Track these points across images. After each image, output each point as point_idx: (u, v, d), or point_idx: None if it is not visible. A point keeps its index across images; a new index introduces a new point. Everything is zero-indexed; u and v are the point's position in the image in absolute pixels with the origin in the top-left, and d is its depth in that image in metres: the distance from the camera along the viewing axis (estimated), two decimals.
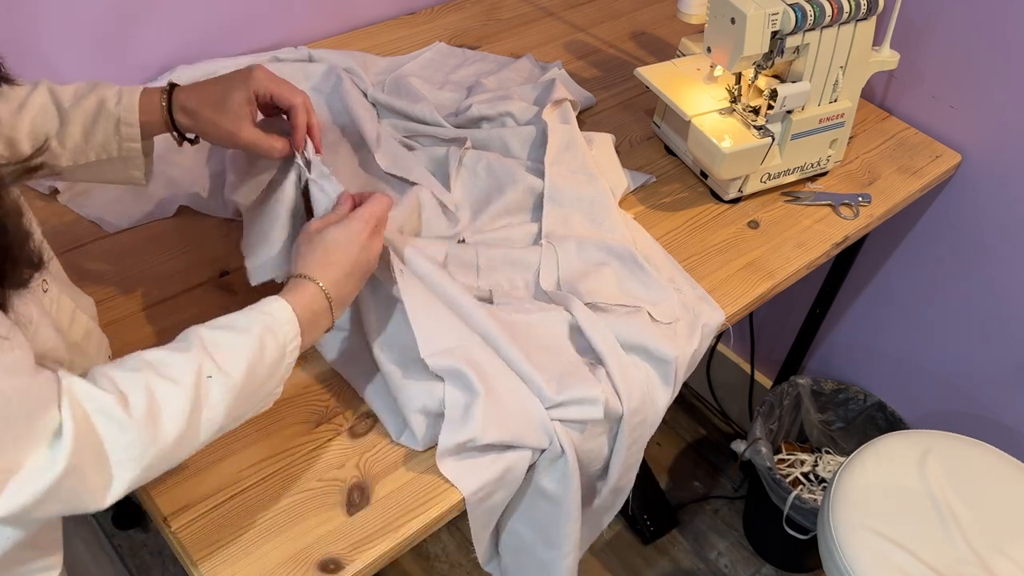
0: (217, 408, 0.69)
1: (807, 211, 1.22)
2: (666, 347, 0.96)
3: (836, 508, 1.23)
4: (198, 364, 0.68)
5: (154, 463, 0.66)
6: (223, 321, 0.73)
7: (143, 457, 0.65)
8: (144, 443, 0.64)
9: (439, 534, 1.73)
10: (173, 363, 0.68)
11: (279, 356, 0.74)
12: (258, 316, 0.74)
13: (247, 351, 0.71)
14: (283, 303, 0.76)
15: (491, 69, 1.39)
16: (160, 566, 1.68)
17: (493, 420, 0.85)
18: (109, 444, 0.63)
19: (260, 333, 0.72)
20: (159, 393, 0.66)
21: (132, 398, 0.64)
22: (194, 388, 0.67)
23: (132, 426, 0.64)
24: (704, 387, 2.02)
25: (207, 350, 0.70)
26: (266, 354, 0.72)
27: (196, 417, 0.68)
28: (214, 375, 0.69)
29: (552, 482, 0.93)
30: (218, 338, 0.71)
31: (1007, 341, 1.45)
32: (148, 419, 0.64)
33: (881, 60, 1.22)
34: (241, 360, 0.70)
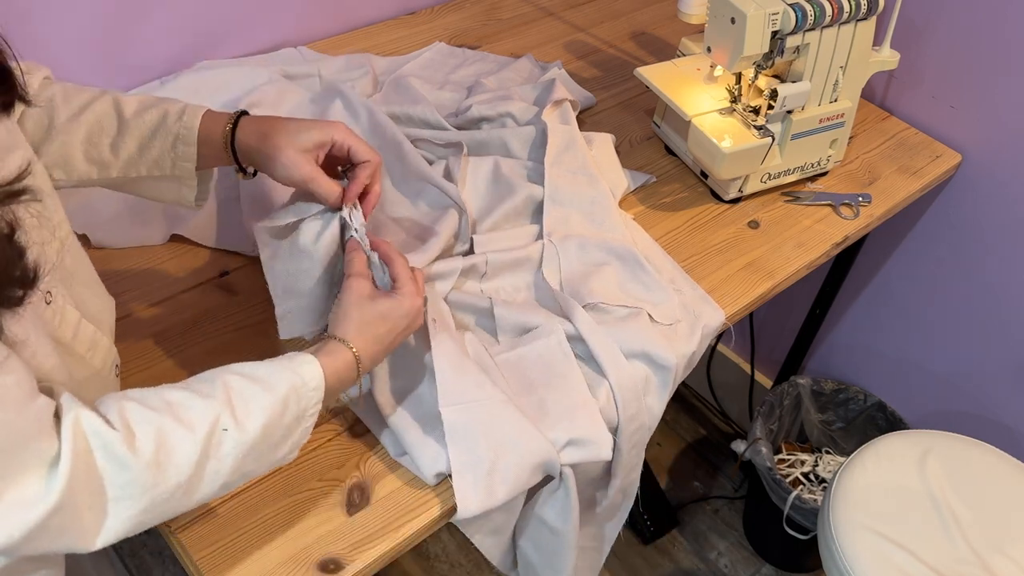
0: (225, 462, 0.67)
1: (807, 211, 1.22)
2: (667, 354, 0.96)
3: (836, 508, 1.23)
4: (217, 414, 0.66)
5: (151, 507, 0.64)
6: (252, 371, 0.71)
7: (141, 498, 0.63)
8: (144, 485, 0.62)
9: (439, 534, 1.73)
10: (193, 408, 0.66)
11: (296, 419, 0.72)
12: (288, 376, 0.71)
13: (268, 410, 0.69)
14: (317, 368, 0.73)
15: (491, 69, 1.39)
16: (160, 566, 1.68)
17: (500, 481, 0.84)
18: (107, 481, 0.61)
19: (286, 394, 0.70)
20: (171, 437, 0.64)
21: (140, 437, 0.62)
22: (207, 438, 0.65)
23: (134, 465, 0.61)
24: (704, 387, 2.02)
25: (230, 400, 0.68)
26: (286, 416, 0.70)
27: (202, 468, 0.66)
28: (230, 428, 0.67)
29: (552, 513, 0.93)
30: (244, 389, 0.69)
31: (1007, 341, 1.45)
32: (153, 461, 0.62)
33: (881, 60, 1.22)
34: (259, 417, 0.68)
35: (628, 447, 0.96)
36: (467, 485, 0.83)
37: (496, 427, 0.85)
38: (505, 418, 0.86)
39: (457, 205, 1.06)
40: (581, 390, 0.92)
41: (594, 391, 0.93)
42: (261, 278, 1.04)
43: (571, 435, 0.88)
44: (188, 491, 0.66)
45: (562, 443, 0.87)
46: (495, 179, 1.14)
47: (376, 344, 0.79)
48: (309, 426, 0.74)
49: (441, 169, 1.14)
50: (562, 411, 0.89)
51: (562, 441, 0.87)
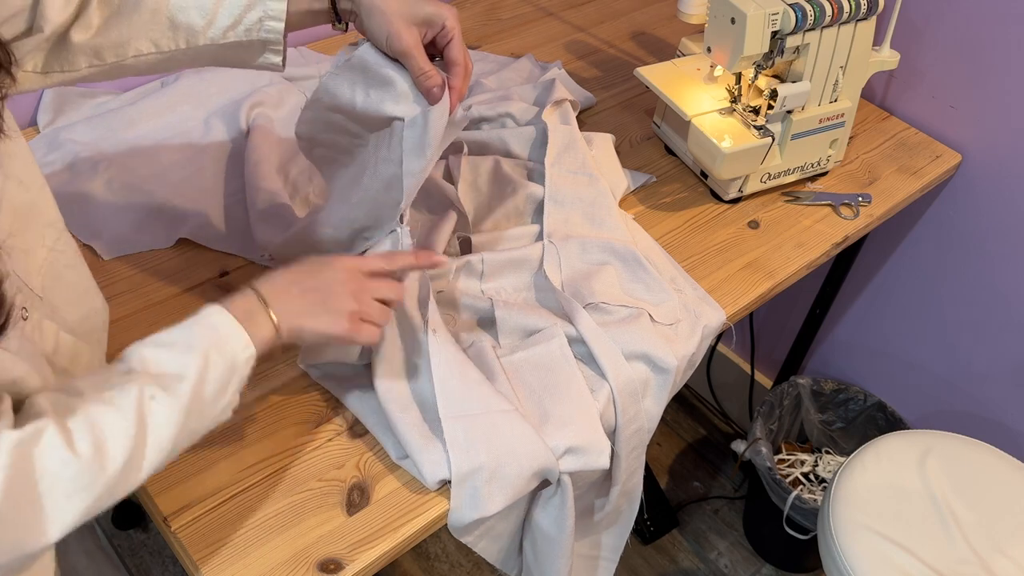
0: (164, 430, 0.65)
1: (807, 211, 1.22)
2: (668, 356, 0.96)
3: (836, 508, 1.23)
4: (140, 386, 0.65)
5: (104, 493, 0.62)
6: (164, 338, 0.69)
7: (92, 487, 0.61)
8: (92, 474, 0.61)
9: (439, 534, 1.73)
10: (114, 387, 0.64)
11: (228, 369, 0.70)
12: (201, 331, 0.70)
13: (192, 369, 0.67)
14: (224, 314, 0.71)
15: (491, 69, 1.39)
16: (160, 566, 1.68)
17: (498, 490, 0.84)
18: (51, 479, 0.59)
19: (204, 349, 0.68)
20: (102, 420, 0.62)
21: (74, 429, 0.61)
22: (136, 412, 0.64)
23: (75, 460, 0.60)
24: (704, 387, 2.02)
25: (149, 371, 0.66)
26: (213, 370, 0.68)
27: (141, 442, 0.64)
28: (157, 396, 0.65)
29: (547, 519, 0.93)
30: (159, 357, 0.67)
31: (1007, 341, 1.45)
32: (93, 450, 0.61)
33: (881, 60, 1.22)
34: (186, 378, 0.66)
35: (627, 451, 0.96)
36: (464, 494, 0.83)
37: (498, 435, 0.84)
38: (507, 426, 0.85)
39: (456, 207, 1.06)
40: (582, 397, 0.92)
41: (594, 393, 0.93)
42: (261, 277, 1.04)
43: (570, 443, 0.88)
44: (136, 467, 0.64)
45: (561, 450, 0.87)
46: (496, 178, 1.14)
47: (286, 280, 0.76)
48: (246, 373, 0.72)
49: (441, 169, 1.14)
50: (562, 418, 0.89)
51: (561, 448, 0.87)
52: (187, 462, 0.85)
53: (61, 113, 1.22)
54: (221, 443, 0.87)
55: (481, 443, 0.84)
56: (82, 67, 0.81)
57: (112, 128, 1.19)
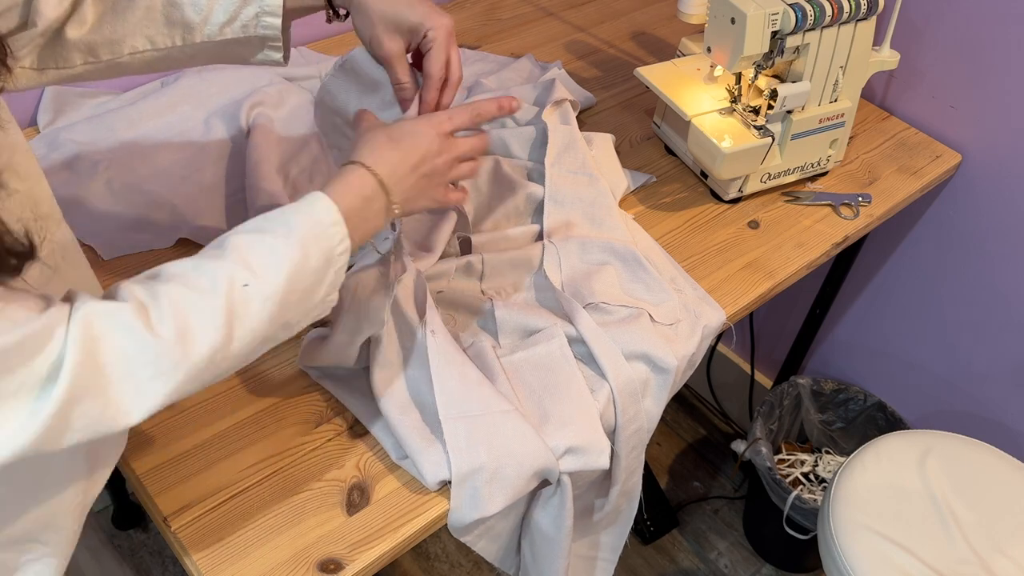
0: (257, 319, 0.63)
1: (807, 211, 1.22)
2: (668, 356, 0.96)
3: (836, 508, 1.23)
4: (231, 273, 0.63)
5: (188, 379, 0.61)
6: (261, 223, 0.67)
7: (173, 373, 0.60)
8: (173, 360, 0.59)
9: (439, 534, 1.73)
10: (203, 272, 0.62)
11: (324, 263, 0.68)
12: (302, 220, 0.67)
13: (287, 259, 0.65)
14: (328, 203, 0.69)
15: (491, 69, 1.39)
16: (160, 566, 1.68)
17: (498, 490, 0.84)
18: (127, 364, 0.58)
19: (302, 237, 0.66)
20: (188, 305, 0.60)
21: (155, 311, 0.59)
22: (227, 298, 0.62)
23: (155, 342, 0.58)
24: (704, 387, 2.02)
25: (243, 257, 0.64)
26: (310, 261, 0.66)
27: (232, 330, 0.62)
28: (251, 283, 0.63)
29: (546, 519, 0.93)
30: (255, 243, 0.65)
31: (1007, 341, 1.45)
32: (176, 334, 0.59)
33: (881, 60, 1.22)
34: (282, 268, 0.64)
35: (627, 450, 0.96)
36: (464, 494, 0.83)
37: (498, 435, 0.84)
38: (507, 426, 0.85)
39: (456, 207, 1.06)
40: (582, 397, 0.92)
41: (594, 393, 0.93)
42: None
43: (570, 443, 0.88)
44: (225, 355, 0.63)
45: (561, 450, 0.87)
46: (496, 178, 1.14)
47: (396, 156, 0.74)
48: (342, 266, 0.70)
49: None
50: (562, 418, 0.89)
51: (561, 448, 0.87)
52: (187, 462, 0.85)
53: (61, 113, 1.22)
54: (221, 443, 0.87)
55: (481, 443, 0.84)
56: (77, 64, 0.80)
57: (112, 128, 1.19)
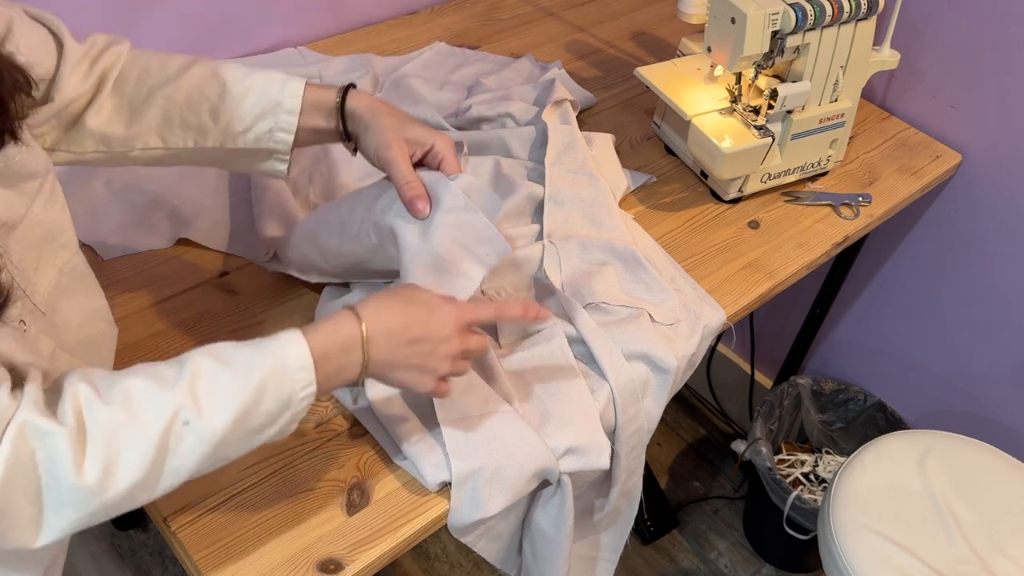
0: (189, 457, 0.62)
1: (807, 211, 1.22)
2: (668, 356, 0.96)
3: (836, 508, 1.23)
4: (176, 408, 0.61)
5: (101, 510, 0.60)
6: (229, 354, 0.65)
7: (88, 503, 0.59)
8: (91, 492, 0.59)
9: (439, 534, 1.73)
10: (150, 401, 0.61)
11: (279, 407, 0.65)
12: (267, 359, 0.65)
13: (238, 401, 0.63)
14: (302, 347, 0.66)
15: (491, 69, 1.39)
16: (160, 566, 1.68)
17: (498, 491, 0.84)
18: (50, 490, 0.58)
19: (262, 380, 0.64)
20: (122, 438, 0.59)
21: (89, 449, 0.58)
22: (163, 436, 0.60)
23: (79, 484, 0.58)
24: (704, 387, 2.02)
25: (194, 390, 0.62)
26: (263, 404, 0.64)
27: (159, 466, 0.61)
28: (192, 422, 0.61)
29: (547, 519, 0.93)
30: (212, 375, 0.63)
31: (1007, 341, 1.45)
32: (101, 474, 0.59)
33: (881, 60, 1.22)
34: (228, 408, 0.63)
35: (627, 450, 0.96)
36: (465, 495, 0.83)
37: (497, 436, 0.84)
38: (507, 427, 0.85)
39: None
40: (582, 397, 0.92)
41: (594, 393, 0.93)
42: (261, 278, 1.04)
43: (570, 443, 0.88)
44: (146, 488, 0.62)
45: (561, 451, 0.87)
46: (496, 179, 1.14)
47: (398, 326, 0.71)
48: (301, 410, 0.67)
49: None
50: (562, 418, 0.89)
51: (561, 449, 0.87)
52: None
53: None
54: None
55: (481, 445, 0.83)
56: (88, 150, 0.81)
57: None
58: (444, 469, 0.84)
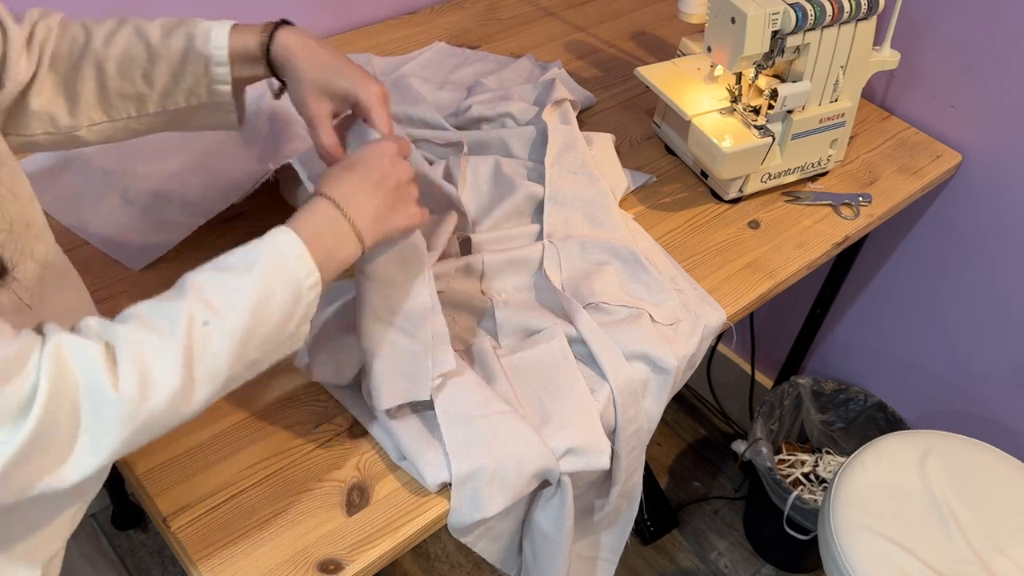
0: (218, 358, 0.62)
1: (807, 211, 1.22)
2: (668, 356, 0.96)
3: (836, 508, 1.23)
4: (190, 311, 0.61)
5: (143, 428, 0.60)
6: (222, 261, 0.66)
7: (129, 422, 0.59)
8: (129, 413, 0.58)
9: (439, 534, 1.73)
10: (162, 313, 0.62)
11: (292, 297, 0.66)
12: (262, 253, 0.66)
13: (249, 294, 0.64)
14: (290, 236, 0.67)
15: (491, 69, 1.39)
16: (160, 566, 1.68)
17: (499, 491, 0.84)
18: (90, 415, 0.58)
19: (263, 271, 0.65)
20: (147, 349, 0.59)
21: (119, 357, 0.59)
22: (186, 337, 0.61)
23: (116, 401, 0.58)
24: (704, 387, 2.02)
25: (203, 295, 0.63)
26: (275, 296, 0.65)
27: (191, 371, 0.61)
28: (211, 322, 0.62)
29: (547, 519, 0.93)
30: (215, 281, 0.64)
31: (1007, 341, 1.45)
32: (138, 386, 0.59)
33: (881, 60, 1.22)
34: (244, 304, 0.63)
35: (627, 450, 0.96)
36: (465, 495, 0.83)
37: (497, 436, 0.84)
38: (506, 427, 0.85)
39: (457, 207, 1.06)
40: (582, 397, 0.92)
41: (594, 393, 0.93)
42: None
43: (571, 443, 0.88)
44: (185, 398, 0.61)
45: (561, 451, 0.87)
46: (496, 178, 1.14)
47: (357, 181, 0.73)
48: (312, 299, 0.68)
49: (441, 169, 1.14)
50: (562, 418, 0.89)
51: (562, 449, 0.87)
52: (187, 462, 0.85)
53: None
54: (221, 443, 0.87)
55: (481, 445, 0.83)
56: (37, 132, 0.79)
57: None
58: (444, 469, 0.84)
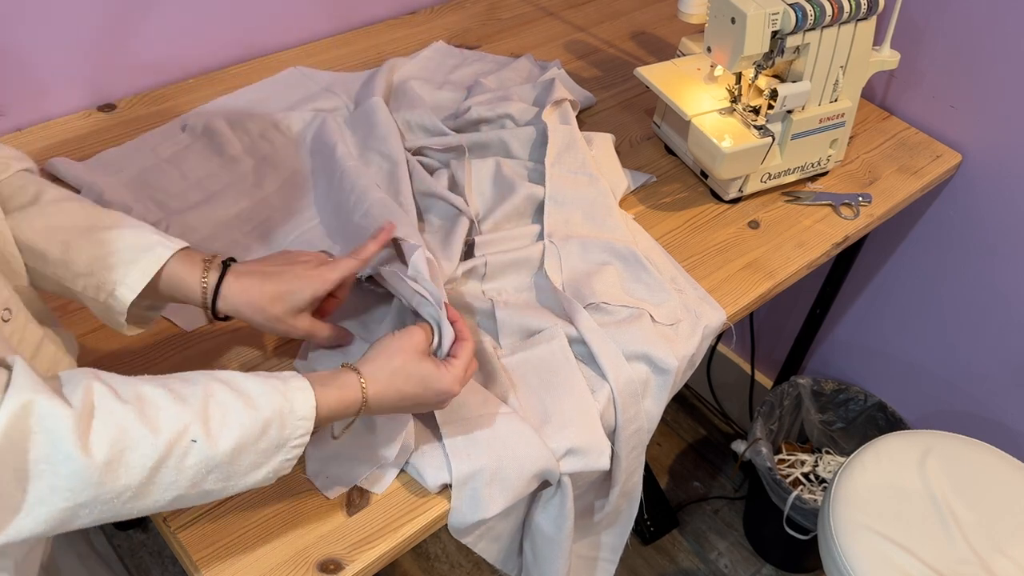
0: (185, 474, 0.62)
1: (807, 211, 1.22)
2: (668, 356, 0.96)
3: (836, 508, 1.23)
4: (187, 423, 0.62)
5: (91, 503, 0.59)
6: (240, 383, 0.66)
7: (83, 492, 0.58)
8: (89, 480, 0.58)
9: (439, 534, 1.73)
10: (164, 409, 0.61)
11: (276, 447, 0.67)
12: (277, 400, 0.67)
13: (245, 428, 0.64)
14: (310, 398, 0.69)
15: (490, 69, 1.39)
16: (160, 566, 1.68)
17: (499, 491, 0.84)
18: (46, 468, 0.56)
19: (268, 418, 0.65)
20: (131, 436, 0.59)
21: (97, 431, 0.58)
22: (169, 447, 0.61)
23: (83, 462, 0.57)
24: (704, 387, 2.02)
25: (206, 410, 0.63)
26: (263, 441, 0.66)
27: (156, 474, 0.61)
28: (199, 440, 0.62)
29: (547, 520, 0.93)
30: (226, 401, 0.64)
31: (1007, 341, 1.45)
32: (105, 461, 0.58)
33: (881, 60, 1.22)
34: (234, 435, 0.64)
35: (627, 451, 0.96)
36: (465, 495, 0.83)
37: (498, 437, 0.84)
38: (507, 427, 0.85)
39: (466, 215, 1.06)
40: (583, 397, 0.92)
41: (595, 394, 0.93)
42: None
43: (571, 443, 0.88)
44: (137, 495, 0.61)
45: (562, 451, 0.87)
46: (496, 180, 1.14)
47: (394, 399, 0.75)
48: (293, 457, 0.69)
49: (445, 178, 1.13)
50: (563, 418, 0.89)
51: (562, 449, 0.87)
52: None
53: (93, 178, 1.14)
54: None
55: (481, 445, 0.84)
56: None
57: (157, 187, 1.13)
58: (444, 470, 0.84)
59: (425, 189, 1.09)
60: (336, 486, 0.83)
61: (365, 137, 1.18)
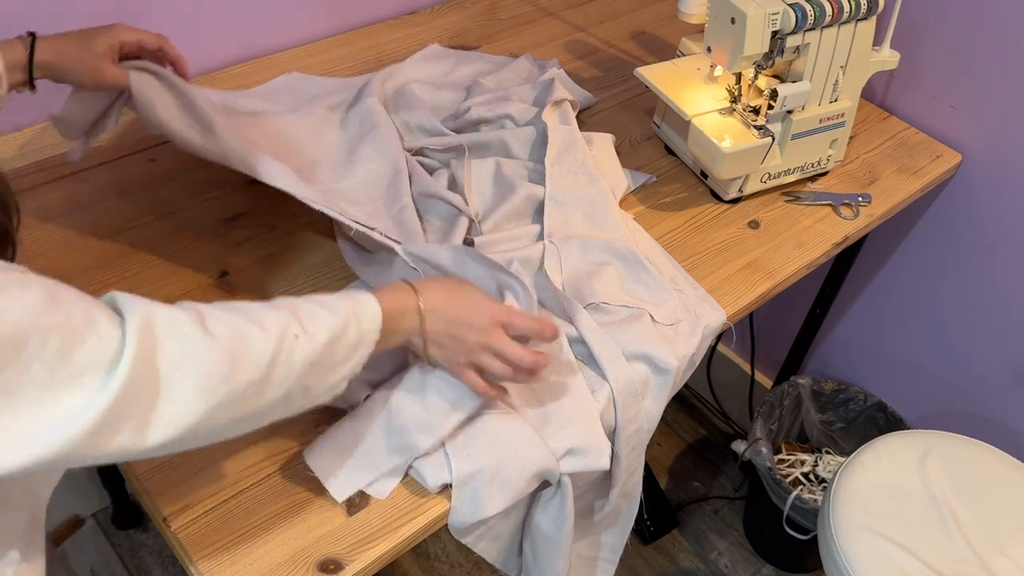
0: (294, 369, 0.67)
1: (807, 211, 1.22)
2: (668, 356, 0.96)
3: (836, 508, 1.23)
4: (287, 322, 0.68)
5: (224, 403, 0.63)
6: (312, 297, 0.73)
7: (217, 389, 0.62)
8: (221, 375, 0.62)
9: (439, 534, 1.73)
10: (263, 313, 0.67)
11: (355, 342, 0.73)
12: (347, 301, 0.74)
13: (333, 326, 0.70)
14: (375, 306, 0.75)
15: (489, 69, 1.39)
16: (160, 566, 1.68)
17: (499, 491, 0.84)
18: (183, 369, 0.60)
19: (346, 315, 0.72)
20: (246, 333, 0.64)
21: (216, 326, 0.63)
22: (278, 340, 0.66)
23: (212, 350, 0.61)
24: (704, 387, 2.02)
25: (297, 314, 0.69)
26: (348, 336, 0.72)
27: (273, 369, 0.66)
28: (300, 336, 0.68)
29: (547, 520, 0.93)
30: (308, 307, 0.71)
31: (1007, 341, 1.45)
32: (230, 351, 0.62)
33: (881, 60, 1.22)
34: (325, 331, 0.70)
35: (627, 451, 0.96)
36: (465, 495, 0.83)
37: (498, 437, 0.85)
38: (506, 428, 0.85)
39: (466, 215, 1.06)
40: (582, 397, 0.92)
41: (595, 394, 0.93)
42: (261, 278, 1.04)
43: (571, 444, 0.88)
44: (258, 391, 0.65)
45: (562, 451, 0.87)
46: (496, 180, 1.14)
47: (442, 304, 0.80)
48: (364, 355, 0.74)
49: (445, 178, 1.13)
50: (563, 418, 0.89)
51: (562, 450, 0.87)
52: (187, 462, 0.85)
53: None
54: (221, 443, 0.87)
55: (481, 445, 0.84)
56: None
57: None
58: (444, 470, 0.84)
59: (425, 189, 1.09)
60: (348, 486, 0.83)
61: (363, 136, 1.18)
